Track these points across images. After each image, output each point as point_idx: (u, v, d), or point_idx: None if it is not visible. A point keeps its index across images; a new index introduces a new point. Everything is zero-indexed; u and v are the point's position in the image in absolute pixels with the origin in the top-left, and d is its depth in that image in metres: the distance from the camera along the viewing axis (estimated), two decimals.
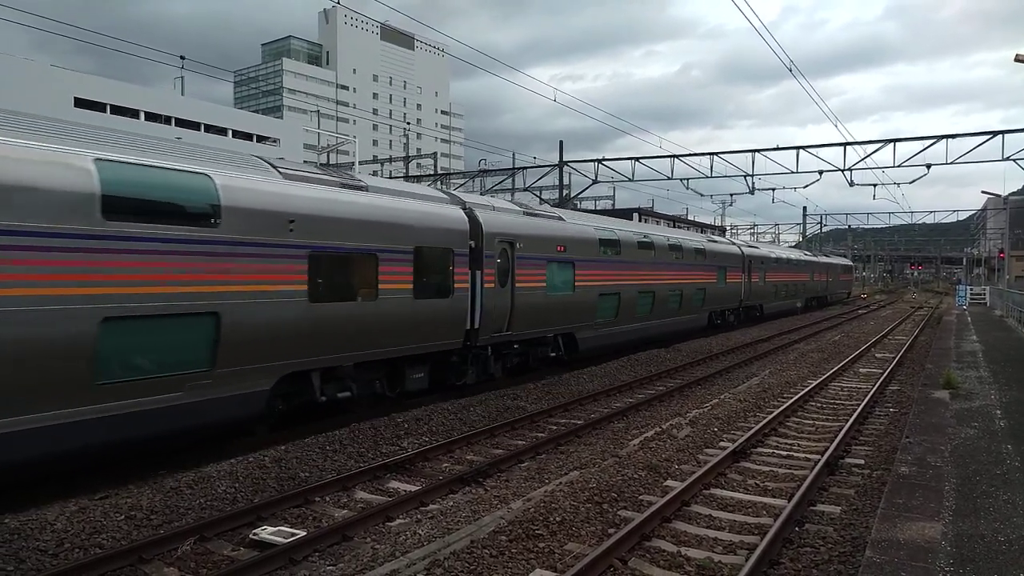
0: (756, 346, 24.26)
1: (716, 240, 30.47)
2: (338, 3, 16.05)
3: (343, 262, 11.05)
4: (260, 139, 57.87)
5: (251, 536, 6.97)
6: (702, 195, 45.79)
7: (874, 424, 12.02)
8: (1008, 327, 28.94)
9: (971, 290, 52.33)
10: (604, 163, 34.17)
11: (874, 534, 5.93)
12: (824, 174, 31.53)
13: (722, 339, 25.73)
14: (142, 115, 48.72)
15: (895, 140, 29.64)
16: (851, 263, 72.80)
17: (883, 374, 16.98)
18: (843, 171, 30.83)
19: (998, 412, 10.91)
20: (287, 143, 58.52)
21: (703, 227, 72.43)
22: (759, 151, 31.89)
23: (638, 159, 32.95)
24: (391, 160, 60.43)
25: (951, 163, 28.49)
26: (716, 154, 32.48)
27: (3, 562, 6.18)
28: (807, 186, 42.23)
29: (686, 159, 32.90)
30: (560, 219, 17.62)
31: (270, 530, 7.04)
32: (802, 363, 19.62)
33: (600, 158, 34.12)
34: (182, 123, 50.37)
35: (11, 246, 7.11)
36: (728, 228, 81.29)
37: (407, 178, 45.83)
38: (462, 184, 45.84)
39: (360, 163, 49.93)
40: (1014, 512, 6.39)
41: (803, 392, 14.36)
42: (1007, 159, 27.42)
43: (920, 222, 74.35)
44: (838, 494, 8.31)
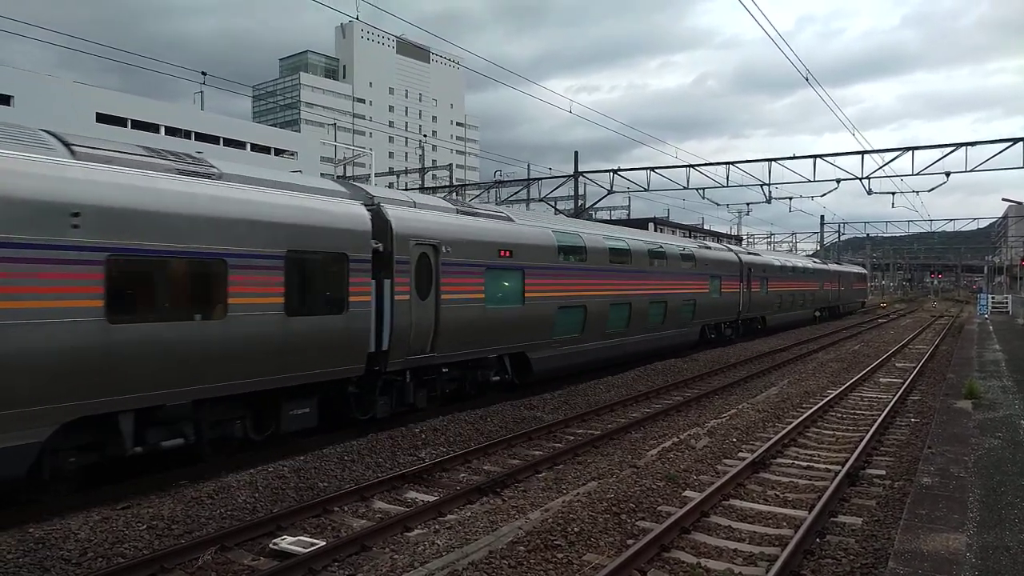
0: (774, 356, 24.07)
1: (709, 246, 28.19)
2: (356, 18, 16.19)
3: (168, 270, 8.69)
4: (278, 152, 58.51)
5: (271, 546, 7.02)
6: (718, 205, 45.70)
7: (895, 434, 11.89)
8: None
9: (992, 299, 51.63)
10: (619, 173, 34.15)
11: (897, 545, 5.86)
12: (842, 183, 31.29)
13: (739, 349, 25.55)
14: (162, 129, 49.46)
15: (913, 148, 29.43)
16: (865, 271, 70.05)
17: (904, 384, 16.80)
18: (861, 179, 30.61)
19: (1023, 422, 10.75)
20: (304, 156, 59.17)
21: (719, 236, 72.18)
22: (775, 160, 31.75)
23: (653, 169, 32.91)
24: (407, 172, 60.78)
25: (971, 171, 28.19)
26: (732, 163, 32.39)
27: (28, 571, 6.26)
28: (824, 195, 42.09)
29: (702, 169, 32.82)
30: (507, 219, 15.24)
31: (290, 540, 7.08)
32: (821, 373, 19.44)
33: (615, 168, 34.14)
34: (201, 137, 51.07)
35: None
36: (744, 238, 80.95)
37: (423, 190, 46.08)
38: (477, 195, 46.01)
39: (376, 175, 50.28)
40: None
41: (823, 402, 14.23)
42: None
43: (940, 230, 73.53)
44: (859, 505, 8.22)
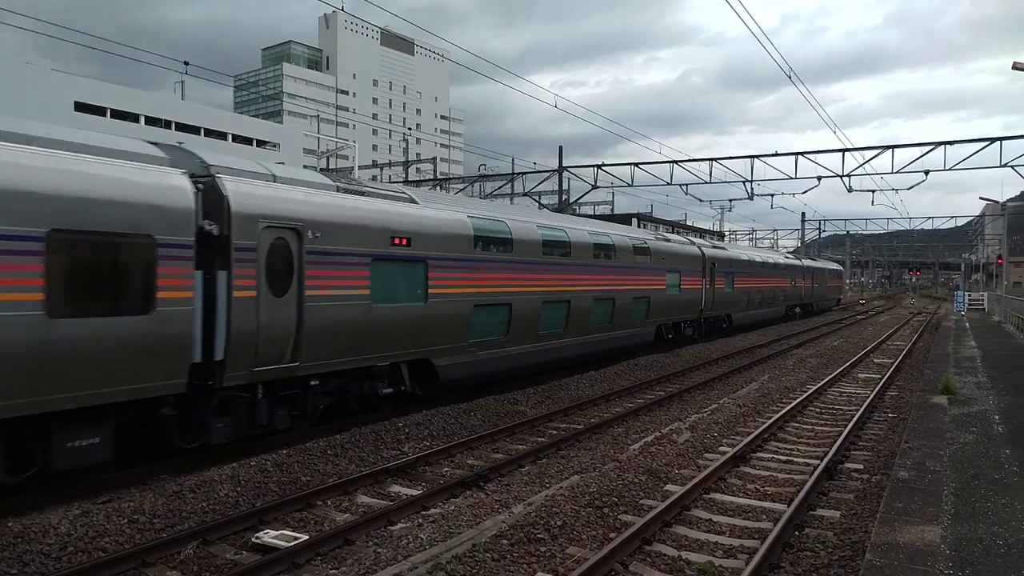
0: (755, 351, 24.30)
1: (668, 238, 25.72)
2: (341, 8, 16.00)
3: None
4: (260, 143, 57.99)
5: (253, 540, 7.00)
6: (701, 201, 46.00)
7: (873, 429, 12.07)
8: (1006, 333, 29.01)
9: (969, 296, 52.43)
10: (603, 168, 34.24)
11: (874, 538, 5.96)
12: (823, 180, 31.60)
13: (720, 344, 25.75)
14: (142, 119, 48.82)
15: (893, 146, 29.76)
16: (840, 267, 67.12)
17: (882, 379, 17.03)
18: (842, 177, 30.91)
19: (996, 417, 10.95)
20: (287, 148, 58.67)
21: (702, 232, 72.59)
22: (758, 157, 31.97)
23: (637, 164, 33.04)
24: (390, 164, 60.51)
25: (949, 169, 28.56)
26: (715, 160, 32.56)
27: (7, 565, 6.20)
28: (806, 192, 42.38)
29: (685, 165, 32.99)
30: (408, 201, 12.85)
31: (272, 534, 7.07)
32: (801, 368, 19.66)
33: (599, 163, 34.23)
34: (182, 127, 50.46)
35: None
36: (727, 233, 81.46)
37: (407, 183, 45.93)
38: (462, 189, 45.91)
39: (360, 167, 50.00)
40: (1012, 516, 6.43)
41: (802, 397, 14.40)
42: (1005, 165, 27.51)
43: (918, 228, 74.59)
44: (838, 499, 8.35)
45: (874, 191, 37.44)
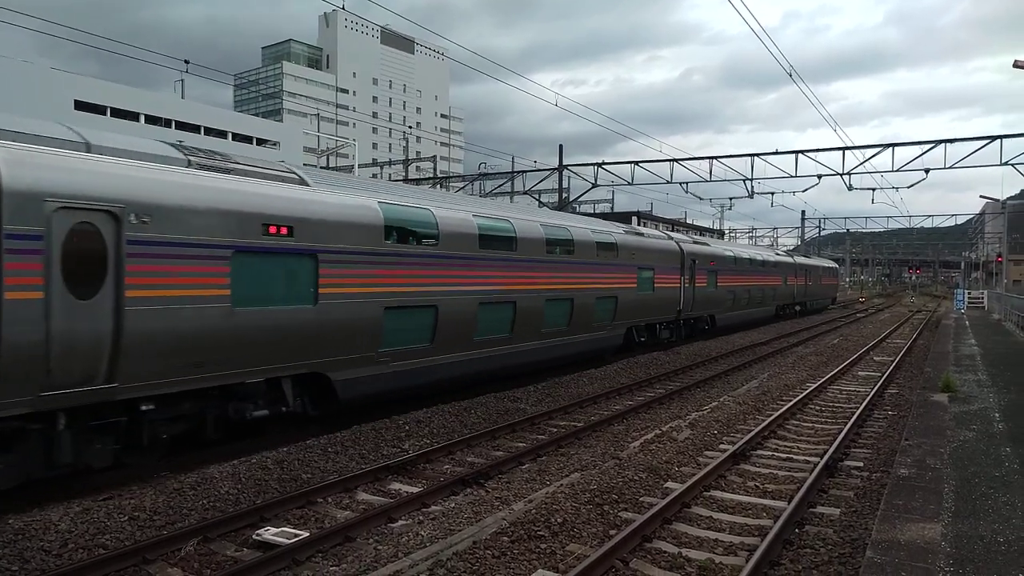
0: (755, 349, 24.31)
1: (641, 232, 23.37)
2: (342, 7, 15.95)
3: None
4: (260, 142, 57.98)
5: (254, 537, 7.01)
6: (701, 199, 45.92)
7: (873, 427, 12.07)
8: (1006, 331, 29.01)
9: (969, 294, 52.44)
10: (604, 167, 34.23)
11: (874, 535, 5.97)
12: (823, 178, 31.59)
13: (721, 343, 25.75)
14: (142, 118, 48.81)
15: (894, 144, 29.73)
16: (835, 265, 63.46)
17: (882, 377, 17.03)
18: (842, 175, 30.90)
19: (996, 415, 10.95)
20: (287, 146, 58.64)
21: (701, 230, 72.59)
22: (758, 155, 31.94)
23: (637, 163, 33.02)
24: (390, 163, 60.50)
25: (949, 167, 28.54)
26: (715, 158, 32.53)
27: (8, 562, 6.21)
28: (806, 190, 42.51)
29: (686, 163, 32.97)
30: (297, 182, 10.66)
31: (273, 531, 7.08)
32: (800, 366, 19.67)
33: (600, 162, 34.21)
34: (182, 126, 50.46)
35: None
36: (727, 232, 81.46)
37: (406, 181, 45.90)
38: (461, 187, 45.91)
39: (359, 166, 50.00)
40: (1013, 513, 6.44)
41: (802, 395, 14.40)
42: (1005, 164, 27.49)
43: (918, 226, 74.57)
44: (838, 496, 8.35)
45: (874, 189, 37.45)
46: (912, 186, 37.66)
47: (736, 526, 7.41)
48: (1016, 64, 20.00)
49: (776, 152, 31.31)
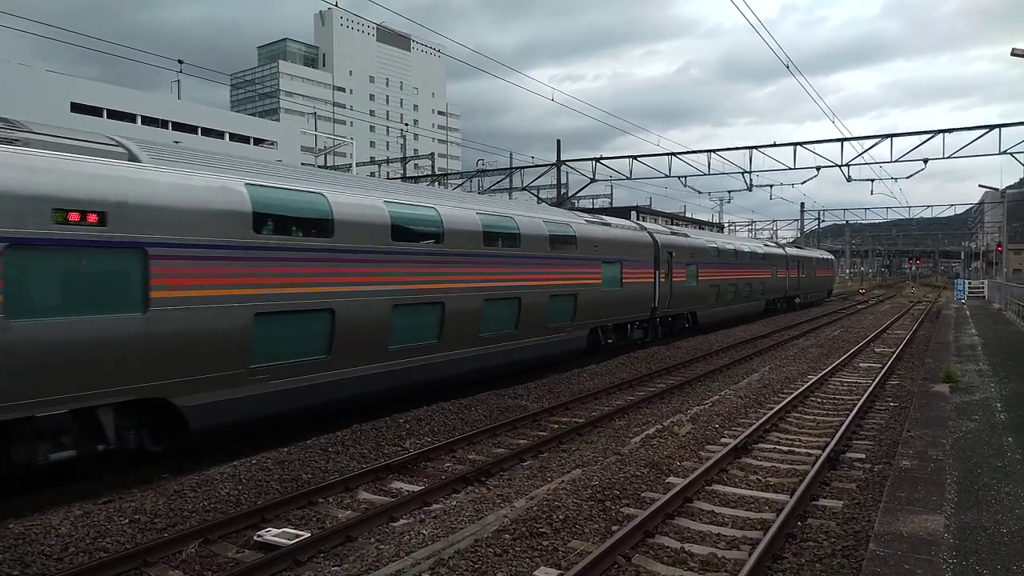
0: (756, 342, 24.28)
1: (607, 222, 21.08)
2: (336, 4, 15.85)
3: None
4: (257, 142, 57.92)
5: (255, 538, 6.99)
6: (700, 193, 45.77)
7: (875, 419, 12.05)
8: (1007, 320, 28.98)
9: (969, 284, 52.40)
10: (602, 162, 34.20)
11: (877, 527, 5.94)
12: (821, 170, 31.55)
13: (721, 336, 25.73)
14: (139, 119, 48.75)
15: (892, 135, 29.71)
16: (831, 256, 60.55)
17: (883, 369, 17.02)
18: (840, 167, 30.87)
19: (998, 405, 10.93)
20: (284, 146, 58.59)
21: (701, 224, 72.55)
22: (756, 148, 31.93)
23: (635, 157, 32.99)
24: (388, 161, 60.45)
25: (948, 157, 28.53)
26: (714, 151, 32.53)
27: (9, 567, 6.19)
28: (804, 182, 42.28)
29: (684, 157, 32.95)
30: (122, 156, 8.65)
31: (274, 532, 7.05)
32: (802, 359, 19.65)
33: (598, 157, 34.19)
34: (179, 127, 50.41)
35: None
36: (726, 225, 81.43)
37: (404, 179, 45.84)
38: (460, 184, 45.86)
39: (357, 164, 49.95)
40: (1016, 504, 6.42)
41: (803, 387, 14.38)
42: (1004, 153, 27.47)
43: (918, 216, 74.55)
44: (840, 488, 8.33)
45: (873, 180, 37.51)
46: (911, 176, 37.72)
47: (738, 520, 7.39)
48: (1015, 52, 19.93)
49: (774, 144, 31.31)
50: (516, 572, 6.00)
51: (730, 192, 52.46)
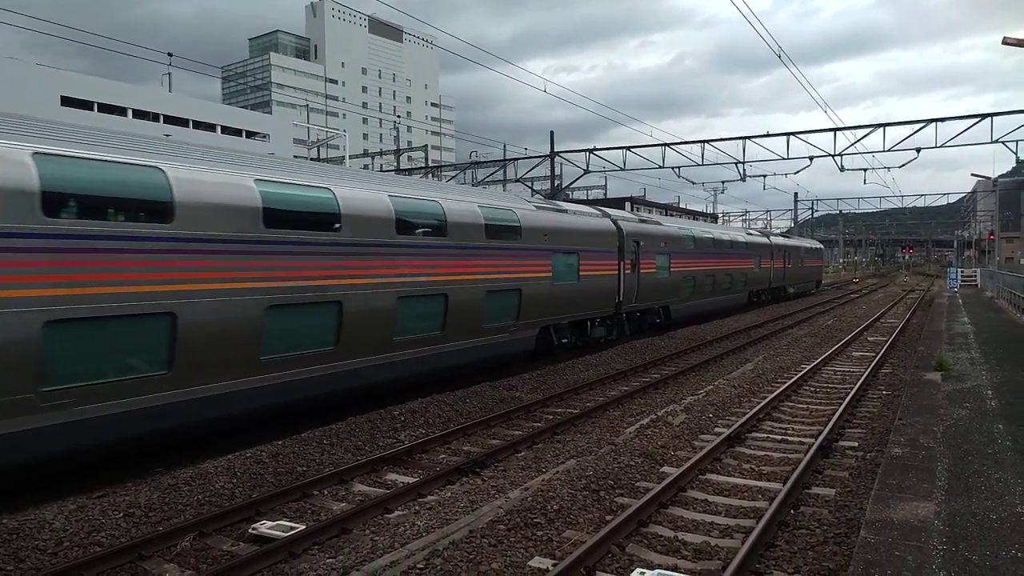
0: (750, 332, 24.35)
1: (561, 208, 19.01)
2: None
3: None
4: (249, 135, 57.65)
5: (250, 531, 6.99)
6: (694, 183, 45.73)
7: (867, 407, 12.12)
8: (999, 308, 29.13)
9: (962, 272, 52.63)
10: (595, 153, 34.16)
11: (868, 515, 5.99)
12: (815, 160, 31.59)
13: (715, 326, 25.80)
14: (130, 113, 48.46)
15: (885, 125, 29.73)
16: (819, 245, 58.04)
17: (876, 357, 17.10)
18: (833, 156, 30.90)
19: (989, 393, 11.00)
20: (277, 138, 58.34)
21: (695, 215, 72.59)
22: (750, 138, 31.92)
23: (629, 148, 32.97)
24: (381, 153, 60.26)
25: (941, 146, 28.59)
26: (707, 142, 32.48)
27: (3, 562, 6.18)
28: (798, 172, 42.44)
29: (677, 147, 32.92)
30: None
31: (269, 524, 7.06)
32: (795, 348, 19.72)
33: (591, 148, 34.14)
34: (170, 120, 50.14)
35: None
36: (720, 215, 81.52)
37: (398, 171, 45.73)
38: (453, 176, 45.76)
39: (350, 157, 49.79)
40: (1005, 490, 6.47)
41: (797, 377, 14.45)
42: (996, 141, 27.54)
43: (911, 206, 74.74)
44: (833, 476, 8.39)
45: (866, 170, 37.48)
46: (904, 166, 37.58)
47: (732, 509, 7.44)
48: (1006, 41, 19.94)
49: (768, 135, 31.30)
50: (511, 562, 6.02)
51: (724, 183, 52.55)
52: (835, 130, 30.40)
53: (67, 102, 44.39)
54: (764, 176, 40.72)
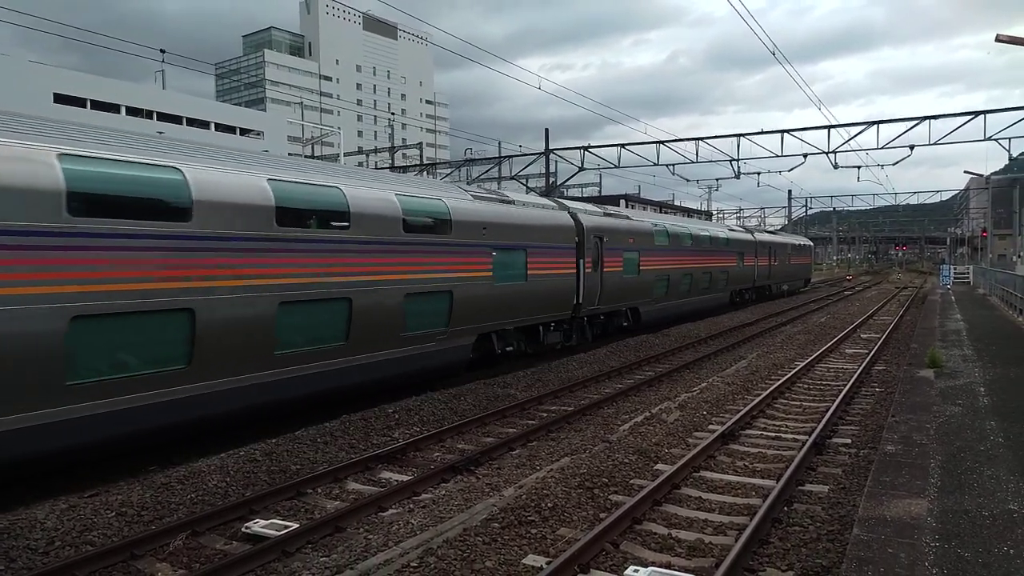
0: (743, 329, 24.40)
1: (506, 199, 16.70)
2: None
3: None
4: (243, 132, 57.44)
5: (243, 530, 6.97)
6: (688, 181, 45.80)
7: (860, 404, 12.15)
8: (991, 305, 29.26)
9: (954, 269, 52.84)
10: (590, 150, 34.17)
11: (861, 512, 6.00)
12: (809, 157, 31.63)
13: (709, 324, 25.83)
14: (123, 110, 48.21)
15: (878, 122, 29.81)
16: (808, 242, 55.73)
17: (869, 354, 17.15)
18: (827, 154, 30.97)
19: (982, 390, 11.04)
20: (271, 136, 58.12)
21: (689, 212, 72.66)
22: (744, 135, 31.98)
23: (624, 146, 32.97)
24: (376, 151, 60.14)
25: (934, 144, 28.69)
26: (701, 139, 32.54)
27: None
28: (792, 169, 42.30)
29: (672, 145, 32.95)
30: None
31: (262, 523, 7.03)
32: (789, 345, 19.77)
33: (586, 145, 34.15)
34: (164, 117, 49.90)
35: None
36: (715, 213, 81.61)
37: (393, 168, 45.65)
38: (448, 174, 45.72)
39: (345, 154, 49.68)
40: (998, 487, 6.49)
41: (790, 374, 14.48)
42: (989, 139, 27.64)
43: (904, 203, 75.06)
44: (826, 473, 8.40)
45: (860, 167, 37.63)
46: (897, 163, 37.82)
47: (726, 506, 7.44)
48: (999, 38, 19.99)
49: (762, 132, 31.37)
50: (505, 560, 6.01)
51: (718, 180, 52.65)
52: (829, 127, 30.48)
53: (60, 99, 44.12)
54: (758, 173, 40.80)
